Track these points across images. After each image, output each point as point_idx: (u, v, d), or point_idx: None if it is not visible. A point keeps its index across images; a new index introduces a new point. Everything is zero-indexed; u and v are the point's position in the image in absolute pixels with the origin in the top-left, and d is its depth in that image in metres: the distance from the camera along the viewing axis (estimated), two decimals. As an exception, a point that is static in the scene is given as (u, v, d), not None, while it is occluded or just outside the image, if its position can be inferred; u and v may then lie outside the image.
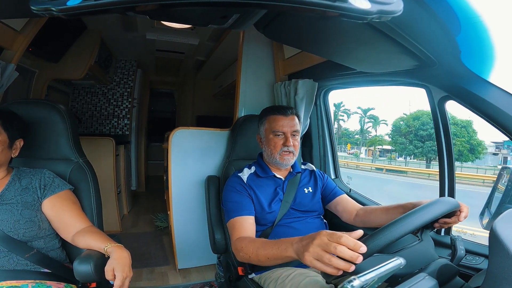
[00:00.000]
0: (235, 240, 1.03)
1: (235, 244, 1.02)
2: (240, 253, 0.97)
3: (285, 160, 1.20)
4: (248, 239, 1.02)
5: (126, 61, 3.91)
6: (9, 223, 0.89)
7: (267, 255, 0.85)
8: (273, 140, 1.21)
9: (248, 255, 0.93)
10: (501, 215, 0.56)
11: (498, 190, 0.83)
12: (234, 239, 1.05)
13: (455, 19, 0.74)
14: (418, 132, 17.64)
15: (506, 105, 0.83)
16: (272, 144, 1.21)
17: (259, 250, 0.88)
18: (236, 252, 1.01)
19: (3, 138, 0.95)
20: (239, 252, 0.98)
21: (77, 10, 0.45)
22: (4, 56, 1.34)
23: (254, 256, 0.90)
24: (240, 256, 0.97)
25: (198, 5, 0.52)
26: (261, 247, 0.88)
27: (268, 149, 1.22)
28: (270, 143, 1.21)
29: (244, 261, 0.99)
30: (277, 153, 1.20)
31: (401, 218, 0.67)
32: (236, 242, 1.02)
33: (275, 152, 1.20)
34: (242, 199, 1.15)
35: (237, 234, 1.06)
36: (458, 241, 0.79)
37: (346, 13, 0.49)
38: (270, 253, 0.84)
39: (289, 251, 0.75)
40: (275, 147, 1.20)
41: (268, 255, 0.84)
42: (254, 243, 0.94)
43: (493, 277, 0.48)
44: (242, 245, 0.97)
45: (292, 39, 1.24)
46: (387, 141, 22.10)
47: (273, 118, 1.22)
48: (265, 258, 0.85)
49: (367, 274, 0.53)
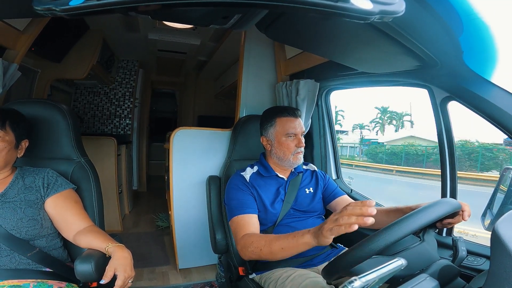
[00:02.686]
0: (243, 236, 1.02)
1: (242, 240, 1.01)
2: (249, 248, 0.95)
3: (298, 159, 1.22)
4: (257, 234, 1.03)
5: (128, 61, 3.92)
6: (12, 221, 0.90)
7: (281, 245, 0.86)
8: (286, 142, 1.21)
9: (259, 248, 0.92)
10: (503, 216, 0.55)
11: (500, 190, 0.83)
12: (240, 236, 1.04)
13: (457, 20, 0.74)
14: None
15: (509, 106, 0.82)
16: (285, 146, 1.21)
17: (272, 242, 0.89)
18: (243, 249, 0.99)
19: (10, 139, 0.95)
20: (247, 248, 0.96)
21: (80, 10, 0.45)
22: (7, 56, 1.35)
23: (267, 248, 0.90)
24: (249, 252, 0.96)
25: (200, 5, 0.52)
26: (274, 239, 0.90)
27: (281, 151, 1.22)
28: (283, 145, 1.21)
29: (251, 257, 0.97)
30: (291, 155, 1.21)
31: (403, 219, 0.67)
32: (244, 237, 1.01)
33: (288, 154, 1.21)
34: (246, 197, 1.15)
35: (243, 231, 1.05)
36: (459, 242, 0.79)
37: (348, 13, 0.49)
38: (285, 243, 0.85)
39: (306, 237, 0.80)
40: (288, 149, 1.21)
41: (282, 245, 0.86)
42: (266, 237, 0.95)
43: (495, 278, 0.48)
44: (252, 240, 0.97)
45: (293, 39, 1.24)
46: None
47: (285, 120, 1.22)
48: (279, 248, 0.87)
49: (368, 275, 0.53)
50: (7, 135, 0.94)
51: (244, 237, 1.02)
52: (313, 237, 0.78)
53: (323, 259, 1.16)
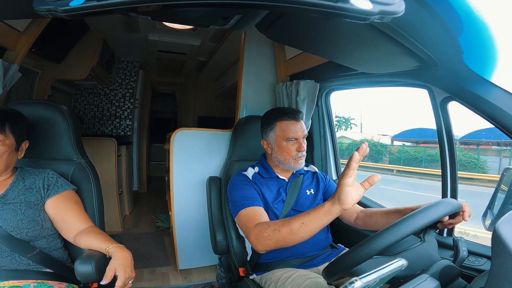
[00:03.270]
0: (256, 225, 0.97)
1: (256, 229, 0.95)
2: (265, 233, 0.91)
3: (299, 164, 1.19)
4: (271, 221, 0.98)
5: (128, 62, 3.92)
6: (12, 222, 0.90)
7: (301, 220, 0.84)
8: (286, 147, 1.18)
9: (278, 229, 0.88)
10: (504, 216, 0.55)
11: (501, 190, 0.82)
12: (252, 226, 0.98)
13: (457, 20, 0.74)
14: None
15: (509, 106, 0.82)
16: (286, 151, 1.18)
17: (290, 221, 0.87)
18: (258, 236, 0.93)
19: (11, 142, 0.95)
20: (263, 233, 0.91)
21: (80, 11, 0.45)
22: (7, 57, 1.35)
23: (286, 227, 0.87)
24: (265, 237, 0.91)
25: (200, 6, 0.52)
26: (291, 219, 0.88)
27: (281, 155, 1.19)
28: (283, 149, 1.19)
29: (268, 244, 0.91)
30: (292, 159, 1.18)
31: (404, 219, 0.67)
32: (257, 226, 0.96)
33: (289, 158, 1.18)
34: (251, 192, 1.13)
35: (255, 221, 1.00)
36: (460, 242, 0.79)
37: (347, 13, 0.49)
38: (305, 218, 0.84)
39: (327, 205, 0.81)
40: (289, 154, 1.18)
41: (302, 219, 0.84)
42: (282, 220, 0.91)
43: (496, 278, 0.48)
44: (268, 224, 0.93)
45: (293, 40, 1.24)
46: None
47: (286, 124, 1.19)
48: (299, 224, 0.84)
49: (369, 275, 0.53)
50: (7, 138, 0.94)
51: (257, 226, 0.96)
52: (333, 202, 0.79)
53: (323, 260, 1.16)
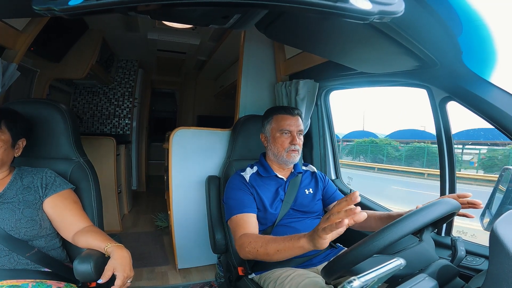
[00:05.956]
0: (241, 236, 1.03)
1: (240, 240, 1.01)
2: (247, 248, 0.96)
3: (291, 157, 1.21)
4: (255, 234, 1.03)
5: (127, 61, 3.92)
6: (10, 222, 0.90)
7: (277, 248, 0.86)
8: (280, 139, 1.22)
9: (256, 248, 0.93)
10: (502, 216, 0.55)
11: (499, 190, 0.83)
12: (238, 235, 1.04)
13: (456, 20, 0.74)
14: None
15: (508, 106, 0.83)
16: (279, 143, 1.22)
17: (268, 244, 0.90)
18: (240, 248, 1.00)
19: (6, 138, 0.95)
20: (245, 247, 0.97)
21: (79, 10, 0.45)
22: (6, 56, 1.34)
23: (263, 249, 0.91)
24: (246, 251, 0.97)
25: (199, 5, 0.52)
26: (271, 241, 0.90)
27: (275, 147, 1.23)
28: (277, 141, 1.22)
29: (248, 257, 0.98)
30: (284, 151, 1.21)
31: (403, 218, 0.67)
32: (242, 237, 1.02)
33: (282, 150, 1.21)
34: (245, 197, 1.16)
35: (242, 230, 1.06)
36: (458, 242, 0.79)
37: (347, 13, 0.49)
38: (281, 245, 0.85)
39: (302, 241, 0.79)
40: (282, 145, 1.21)
41: (278, 247, 0.86)
42: (263, 238, 0.95)
43: (494, 278, 0.48)
44: (250, 240, 0.97)
45: (293, 40, 1.24)
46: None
47: (281, 117, 1.23)
48: (275, 250, 0.87)
49: (367, 274, 0.53)
50: (3, 134, 0.94)
51: (242, 236, 1.02)
52: (309, 241, 0.76)
53: (322, 259, 1.16)
